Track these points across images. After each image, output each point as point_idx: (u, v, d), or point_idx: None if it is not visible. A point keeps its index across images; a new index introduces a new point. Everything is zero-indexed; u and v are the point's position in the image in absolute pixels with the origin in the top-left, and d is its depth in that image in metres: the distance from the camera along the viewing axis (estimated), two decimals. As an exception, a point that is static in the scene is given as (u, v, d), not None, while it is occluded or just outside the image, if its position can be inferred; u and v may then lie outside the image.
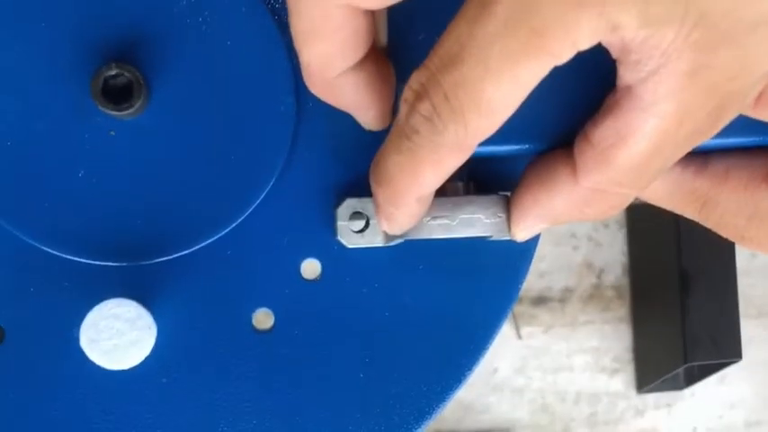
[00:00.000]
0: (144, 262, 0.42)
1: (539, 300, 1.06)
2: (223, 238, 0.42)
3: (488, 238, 0.43)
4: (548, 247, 1.06)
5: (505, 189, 0.43)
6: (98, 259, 0.41)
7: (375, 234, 0.42)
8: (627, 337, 1.08)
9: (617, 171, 0.35)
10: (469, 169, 0.42)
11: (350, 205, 0.42)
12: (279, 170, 0.42)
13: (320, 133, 0.43)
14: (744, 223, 0.40)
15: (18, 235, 0.41)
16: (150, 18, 0.41)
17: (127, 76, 0.39)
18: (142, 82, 0.39)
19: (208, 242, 0.42)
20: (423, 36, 0.39)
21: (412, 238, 0.42)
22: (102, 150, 0.41)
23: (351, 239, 0.42)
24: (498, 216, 0.41)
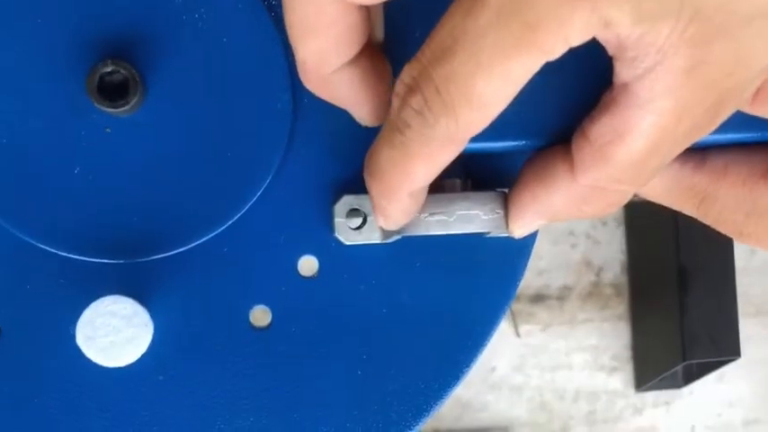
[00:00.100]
0: (141, 259, 0.42)
1: (537, 298, 1.06)
2: (220, 235, 0.42)
3: (486, 235, 0.43)
4: (546, 245, 1.06)
5: (503, 185, 0.43)
6: (94, 256, 0.41)
7: (372, 231, 0.42)
8: (625, 336, 1.08)
9: (615, 168, 0.35)
10: (466, 166, 0.42)
11: (347, 202, 0.42)
12: (275, 167, 0.42)
13: (317, 130, 0.43)
14: (742, 219, 0.40)
15: (14, 232, 0.41)
16: (146, 15, 0.41)
17: (123, 73, 0.39)
18: (138, 79, 0.39)
19: (204, 239, 0.42)
20: (419, 32, 0.39)
21: (409, 235, 0.42)
22: (97, 147, 0.41)
23: (348, 236, 0.42)
24: (496, 212, 0.41)
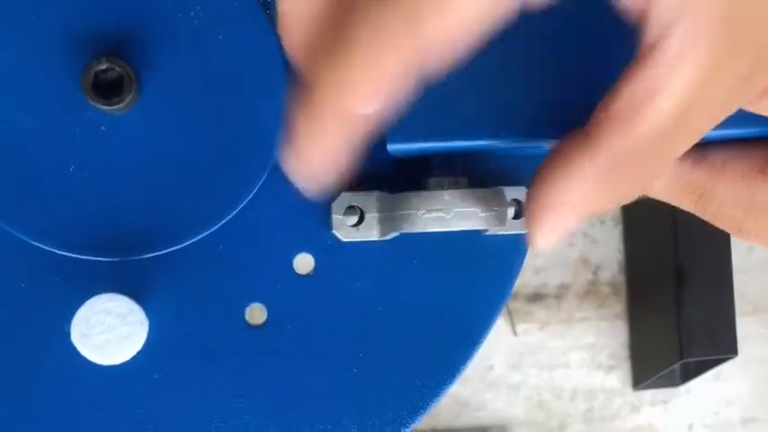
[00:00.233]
0: (136, 257, 0.41)
1: (534, 296, 1.06)
2: (215, 233, 0.42)
3: (483, 233, 0.43)
4: (543, 244, 1.06)
5: (501, 183, 0.43)
6: (89, 254, 0.41)
7: (370, 228, 0.42)
8: (623, 334, 1.08)
9: (638, 139, 0.33)
10: (465, 163, 0.42)
11: (345, 199, 0.42)
12: (271, 165, 0.42)
13: None
14: (741, 215, 0.40)
15: (8, 230, 0.41)
16: (141, 12, 0.41)
17: (117, 71, 0.39)
18: (133, 76, 0.39)
19: (200, 237, 0.42)
20: None
21: (407, 232, 0.41)
22: (92, 145, 0.41)
23: (346, 233, 0.42)
24: (494, 209, 0.41)
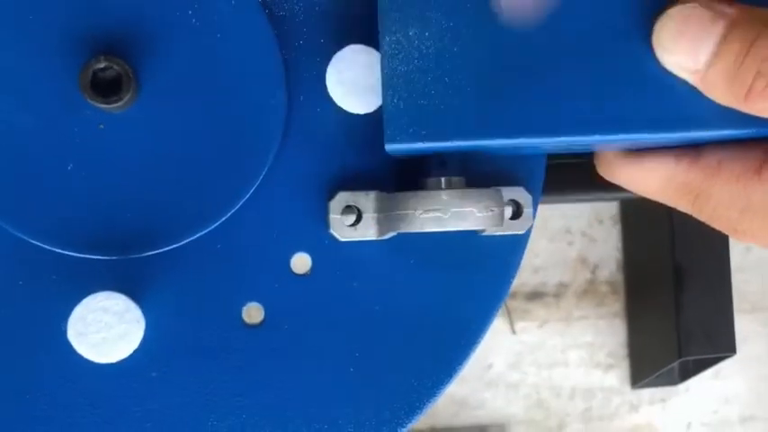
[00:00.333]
0: (133, 255, 0.41)
1: (533, 295, 1.06)
2: (213, 232, 0.42)
3: (481, 233, 0.43)
4: (542, 243, 1.06)
5: (498, 184, 0.43)
6: (87, 253, 0.41)
7: (368, 227, 0.42)
8: (621, 333, 1.07)
9: None
10: (462, 164, 0.42)
11: (342, 198, 0.42)
12: (269, 164, 0.42)
13: (311, 126, 0.43)
14: (737, 216, 0.40)
15: (6, 228, 0.41)
16: (140, 11, 0.41)
17: (116, 69, 0.39)
18: (131, 75, 0.39)
19: (197, 236, 0.42)
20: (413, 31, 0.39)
21: (404, 231, 0.41)
22: (90, 144, 0.41)
23: (344, 233, 0.42)
24: (491, 210, 0.41)
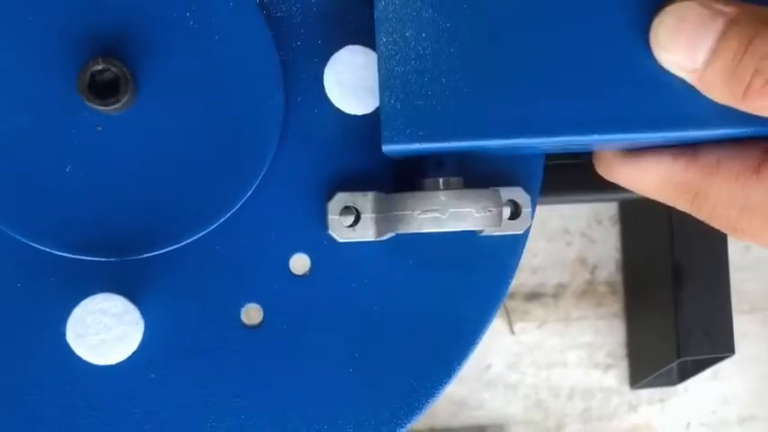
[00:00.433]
0: (131, 257, 0.41)
1: (532, 295, 1.06)
2: (211, 233, 0.42)
3: (479, 233, 0.43)
4: (541, 243, 1.06)
5: (496, 184, 0.43)
6: (85, 254, 0.41)
7: (366, 228, 0.42)
8: (620, 333, 1.08)
9: None
10: (460, 164, 0.42)
11: (341, 199, 0.42)
12: (267, 165, 0.42)
13: (309, 127, 0.43)
14: (735, 214, 0.40)
15: (4, 230, 0.41)
16: (137, 12, 0.41)
17: (113, 71, 0.39)
18: (129, 77, 0.39)
19: (196, 237, 0.42)
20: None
21: (403, 232, 0.41)
22: (88, 145, 0.41)
23: (342, 233, 0.42)
24: (489, 210, 0.41)
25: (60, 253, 0.41)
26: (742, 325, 1.06)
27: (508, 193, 0.43)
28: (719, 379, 1.08)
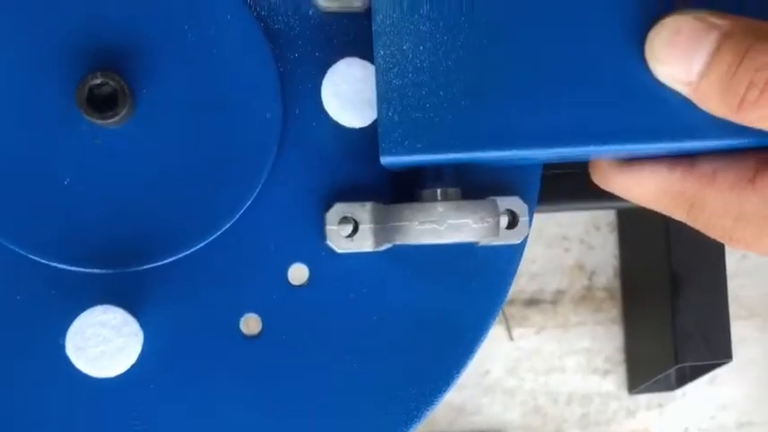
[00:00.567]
0: (130, 269, 0.42)
1: (531, 301, 1.06)
2: (210, 244, 0.42)
3: (476, 244, 0.43)
4: (540, 250, 1.06)
5: (494, 193, 0.43)
6: (85, 267, 0.41)
7: (364, 239, 0.42)
8: (618, 338, 1.08)
9: None
10: (457, 174, 0.42)
11: (339, 210, 0.42)
12: (265, 176, 0.42)
13: (307, 139, 0.43)
14: (731, 224, 0.40)
15: (3, 243, 0.41)
16: (136, 26, 0.41)
17: (112, 85, 0.39)
18: (127, 91, 0.39)
19: (195, 248, 0.42)
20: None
21: (400, 243, 0.42)
22: (87, 158, 0.41)
23: (340, 244, 0.42)
24: (486, 221, 0.41)
25: (59, 265, 0.41)
26: (740, 330, 1.06)
27: (506, 203, 0.43)
28: (717, 384, 1.08)
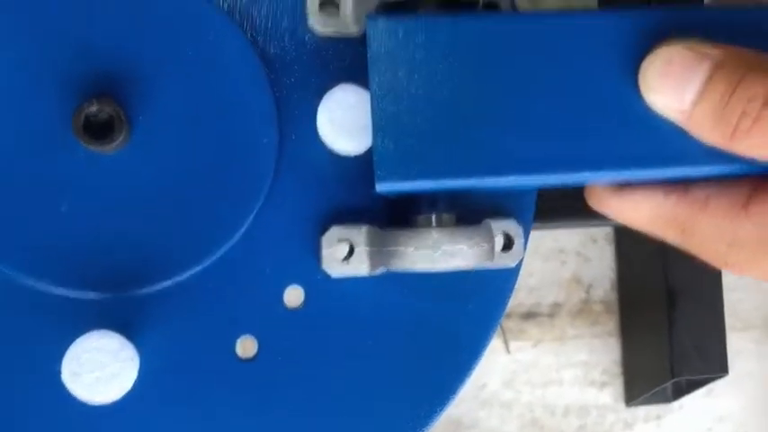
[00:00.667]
0: (126, 293, 0.42)
1: (528, 315, 1.06)
2: (206, 268, 0.42)
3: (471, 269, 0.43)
4: (537, 263, 1.06)
5: (489, 216, 0.43)
6: (80, 290, 0.41)
7: (360, 262, 0.42)
8: (615, 351, 1.08)
9: None
10: (452, 198, 0.42)
11: (335, 233, 0.42)
12: (261, 201, 0.42)
13: (303, 164, 0.43)
14: (725, 249, 0.40)
15: (0, 268, 0.41)
16: (132, 52, 0.41)
17: (108, 112, 0.39)
18: (123, 117, 0.39)
19: (191, 273, 0.42)
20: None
21: (395, 268, 0.42)
22: (84, 183, 0.41)
23: (335, 268, 0.42)
24: (481, 246, 0.41)
25: (55, 290, 0.41)
26: (736, 343, 1.06)
27: (501, 225, 0.43)
28: (714, 396, 1.08)
